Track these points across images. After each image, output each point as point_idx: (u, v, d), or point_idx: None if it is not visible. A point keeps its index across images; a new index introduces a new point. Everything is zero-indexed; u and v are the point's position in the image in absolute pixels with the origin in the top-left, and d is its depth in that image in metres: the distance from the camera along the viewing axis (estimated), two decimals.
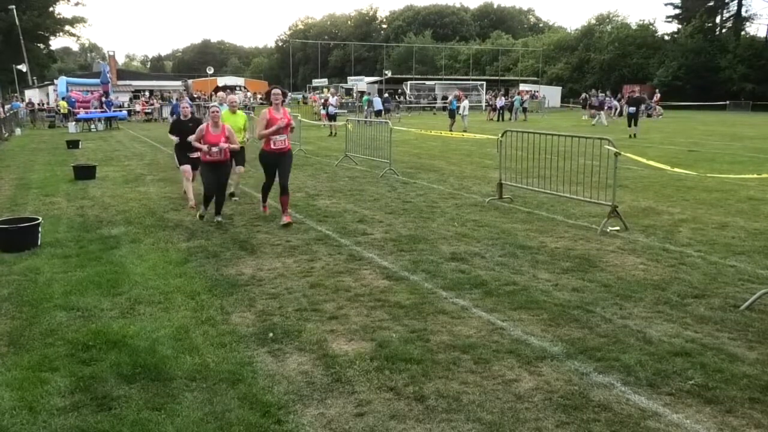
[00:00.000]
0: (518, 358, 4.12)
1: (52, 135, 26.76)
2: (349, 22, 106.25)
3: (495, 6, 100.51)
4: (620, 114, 33.63)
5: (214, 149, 7.86)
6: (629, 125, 22.66)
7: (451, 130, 23.51)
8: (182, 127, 9.50)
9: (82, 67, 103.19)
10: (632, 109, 22.88)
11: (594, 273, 6.00)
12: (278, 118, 7.84)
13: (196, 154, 8.75)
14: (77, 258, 6.69)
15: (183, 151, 9.56)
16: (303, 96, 50.68)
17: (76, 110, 33.03)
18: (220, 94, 13.39)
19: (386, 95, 37.73)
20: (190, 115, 9.85)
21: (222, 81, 56.32)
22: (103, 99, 35.50)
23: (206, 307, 5.13)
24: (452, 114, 27.38)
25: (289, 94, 59.79)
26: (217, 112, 8.05)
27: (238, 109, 10.33)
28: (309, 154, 17.28)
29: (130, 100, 44.64)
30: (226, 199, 9.09)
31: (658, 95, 42.30)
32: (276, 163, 8.04)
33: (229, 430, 3.30)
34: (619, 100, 37.30)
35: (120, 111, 35.97)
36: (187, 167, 9.54)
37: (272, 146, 7.91)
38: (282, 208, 8.17)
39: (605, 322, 4.75)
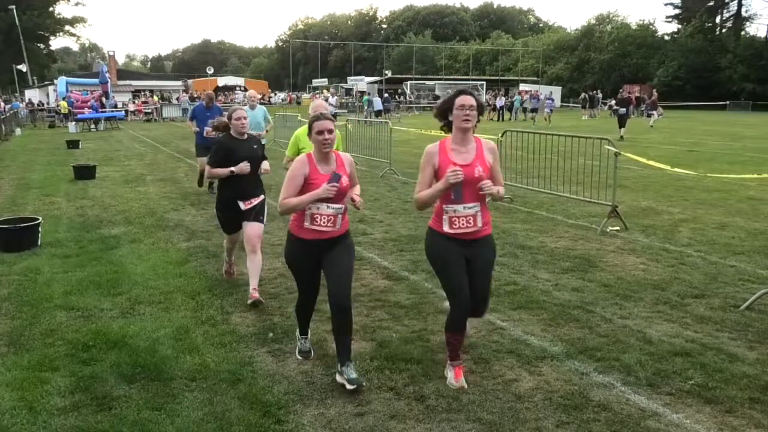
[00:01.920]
0: (518, 358, 4.12)
1: (52, 135, 26.76)
2: (349, 22, 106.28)
3: (495, 6, 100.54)
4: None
5: (327, 211, 3.74)
6: (620, 126, 22.10)
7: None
8: (237, 155, 5.25)
9: (82, 67, 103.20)
10: (623, 110, 22.62)
11: (594, 273, 6.00)
12: (461, 166, 3.58)
13: (255, 202, 5.38)
14: (77, 258, 6.69)
15: (232, 200, 5.35)
16: (297, 96, 50.63)
17: (77, 110, 33.02)
18: (251, 92, 10.54)
19: (386, 95, 37.76)
20: (245, 133, 5.41)
21: (222, 81, 56.32)
22: (102, 101, 35.50)
23: (206, 307, 5.13)
24: None
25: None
26: (331, 138, 3.75)
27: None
28: None
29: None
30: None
31: (655, 95, 42.20)
32: (464, 258, 3.71)
33: (229, 430, 3.30)
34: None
35: (116, 111, 35.91)
36: (234, 235, 5.63)
37: (448, 227, 3.66)
38: (450, 354, 3.85)
39: (605, 322, 4.75)
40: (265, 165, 5.45)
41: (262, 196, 5.50)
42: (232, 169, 5.22)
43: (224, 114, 6.73)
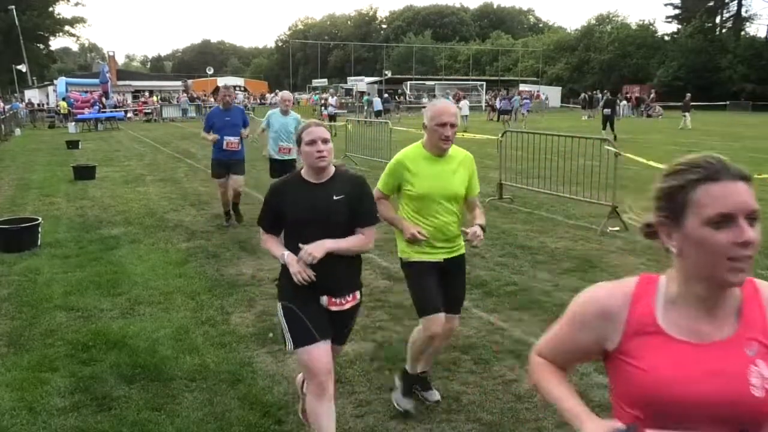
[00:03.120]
0: (518, 359, 4.11)
1: (52, 135, 26.75)
2: (348, 23, 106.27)
3: (495, 6, 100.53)
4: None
5: None
6: (603, 127, 21.64)
7: None
8: (298, 213, 2.83)
9: (81, 67, 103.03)
10: (607, 110, 22.38)
11: (594, 273, 6.00)
12: None
13: (346, 305, 2.97)
14: (77, 258, 6.69)
15: (309, 294, 2.81)
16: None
17: (77, 110, 33.02)
18: (284, 94, 8.46)
19: (386, 95, 37.77)
20: (325, 167, 2.90)
21: (222, 81, 56.19)
22: (102, 100, 35.53)
23: (206, 308, 5.13)
24: None
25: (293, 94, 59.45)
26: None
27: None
28: None
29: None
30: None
31: (653, 94, 42.05)
32: None
33: (229, 430, 3.30)
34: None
35: (116, 111, 35.90)
36: (319, 349, 2.77)
37: None
38: None
39: None
40: (365, 238, 3.10)
41: (358, 295, 3.09)
42: (284, 254, 2.83)
43: (248, 116, 4.92)
